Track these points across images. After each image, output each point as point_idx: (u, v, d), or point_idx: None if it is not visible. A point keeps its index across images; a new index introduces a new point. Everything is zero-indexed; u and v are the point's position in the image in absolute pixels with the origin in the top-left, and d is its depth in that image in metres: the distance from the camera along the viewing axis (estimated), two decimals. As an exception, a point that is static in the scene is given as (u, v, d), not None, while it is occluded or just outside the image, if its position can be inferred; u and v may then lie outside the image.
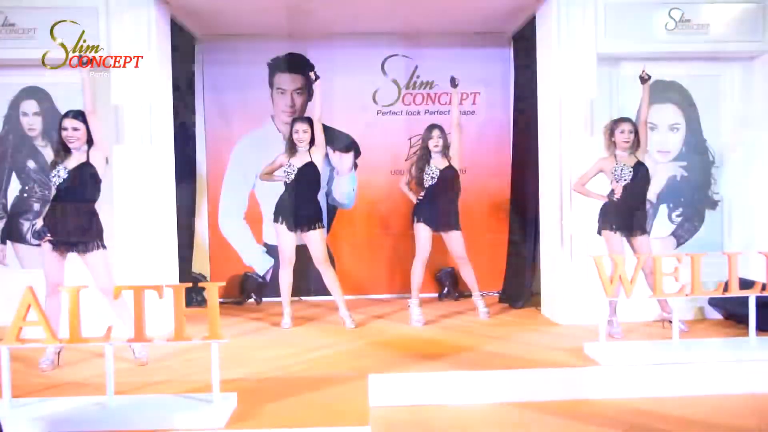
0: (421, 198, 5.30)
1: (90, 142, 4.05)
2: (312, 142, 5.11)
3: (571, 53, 5.13)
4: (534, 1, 5.41)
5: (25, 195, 5.29)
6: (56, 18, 4.72)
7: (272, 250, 6.39)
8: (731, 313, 5.10)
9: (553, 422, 3.46)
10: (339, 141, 6.50)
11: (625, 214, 4.65)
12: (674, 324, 4.11)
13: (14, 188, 5.29)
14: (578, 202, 5.07)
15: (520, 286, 5.88)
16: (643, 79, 4.75)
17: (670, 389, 3.83)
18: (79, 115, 4.02)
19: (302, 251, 5.31)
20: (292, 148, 5.14)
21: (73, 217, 3.99)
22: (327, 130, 5.57)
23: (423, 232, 5.24)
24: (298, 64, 6.48)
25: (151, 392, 3.58)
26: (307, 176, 5.09)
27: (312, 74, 5.11)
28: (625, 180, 4.62)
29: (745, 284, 4.25)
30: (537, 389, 3.80)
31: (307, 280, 6.37)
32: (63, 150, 4.05)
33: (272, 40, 6.45)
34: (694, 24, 5.22)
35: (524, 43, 5.97)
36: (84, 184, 4.01)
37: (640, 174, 4.65)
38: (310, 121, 5.15)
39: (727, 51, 5.32)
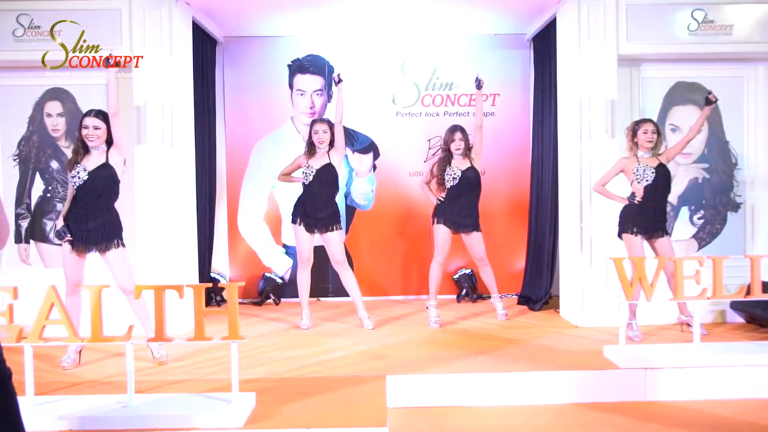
0: (441, 199, 5.28)
1: (109, 142, 4.08)
2: (332, 144, 5.13)
3: (592, 54, 5.10)
4: (554, 2, 5.38)
5: (49, 195, 5.37)
6: (81, 19, 4.80)
7: (291, 251, 6.42)
8: (753, 317, 5.02)
9: (571, 425, 3.44)
10: (358, 142, 6.51)
11: (647, 216, 4.60)
12: (695, 327, 4.06)
13: (38, 188, 5.37)
14: (598, 203, 5.03)
15: (539, 288, 5.85)
16: (710, 101, 4.67)
17: (690, 393, 3.79)
18: (101, 114, 4.05)
19: (320, 252, 5.33)
20: (311, 149, 5.16)
21: (92, 217, 4.03)
22: (346, 131, 5.59)
23: (442, 233, 5.23)
24: (317, 66, 6.52)
25: (171, 391, 3.62)
26: (326, 177, 5.09)
27: (335, 76, 5.12)
28: (647, 181, 4.57)
29: (768, 287, 4.19)
30: (555, 392, 3.79)
31: (326, 281, 6.40)
32: (82, 148, 4.07)
33: (292, 42, 6.49)
34: (718, 25, 5.15)
35: (544, 45, 5.94)
36: (103, 185, 4.03)
37: (663, 175, 4.60)
38: (329, 123, 5.16)
39: (751, 52, 5.23)
